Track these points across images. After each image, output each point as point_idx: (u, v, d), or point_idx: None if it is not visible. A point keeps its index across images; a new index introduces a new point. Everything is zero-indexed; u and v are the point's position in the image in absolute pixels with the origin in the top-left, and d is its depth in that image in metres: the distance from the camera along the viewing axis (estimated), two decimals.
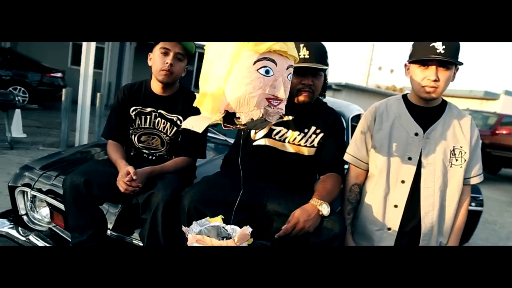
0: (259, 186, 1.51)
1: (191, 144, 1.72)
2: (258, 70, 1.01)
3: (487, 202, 4.74)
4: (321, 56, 1.53)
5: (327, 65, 1.55)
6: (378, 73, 77.42)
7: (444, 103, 1.51)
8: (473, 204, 2.76)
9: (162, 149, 1.78)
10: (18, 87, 8.17)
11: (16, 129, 5.33)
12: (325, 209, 1.37)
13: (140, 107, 1.73)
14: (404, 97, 1.54)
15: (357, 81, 40.88)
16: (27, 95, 8.22)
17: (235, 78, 1.01)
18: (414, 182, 1.45)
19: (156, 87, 1.72)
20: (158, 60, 1.64)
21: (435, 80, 1.35)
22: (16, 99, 7.83)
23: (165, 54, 1.64)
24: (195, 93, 1.15)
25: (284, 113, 1.10)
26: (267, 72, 1.02)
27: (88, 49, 5.54)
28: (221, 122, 1.07)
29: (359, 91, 26.09)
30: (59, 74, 8.69)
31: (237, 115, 1.03)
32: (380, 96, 29.07)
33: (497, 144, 7.84)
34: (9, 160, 4.30)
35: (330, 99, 3.13)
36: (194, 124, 1.05)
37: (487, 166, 7.79)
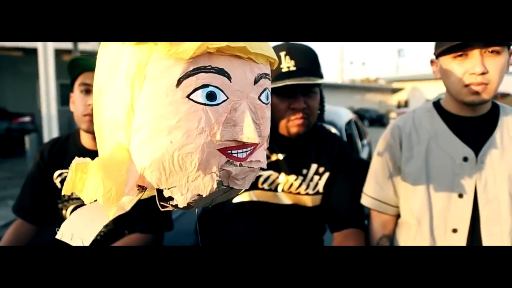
0: None
1: (148, 213, 1.19)
2: (190, 97, 0.44)
3: None
4: (312, 65, 1.09)
5: (321, 76, 1.11)
6: (350, 67, 78.96)
7: (495, 108, 1.05)
8: None
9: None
10: None
11: None
12: None
13: (67, 170, 1.33)
14: (437, 105, 1.09)
15: (332, 78, 41.39)
16: None
17: (145, 121, 0.44)
18: (472, 229, 1.00)
19: (86, 140, 1.22)
20: (79, 102, 1.15)
21: (482, 73, 0.91)
22: None
23: (87, 92, 1.13)
24: None
25: (265, 166, 0.56)
26: (210, 96, 0.45)
27: (47, 86, 5.36)
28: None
29: (335, 88, 26.55)
30: (27, 119, 8.44)
31: (166, 193, 0.48)
32: (357, 90, 29.81)
33: None
34: None
35: None
36: (77, 229, 0.48)
37: None
